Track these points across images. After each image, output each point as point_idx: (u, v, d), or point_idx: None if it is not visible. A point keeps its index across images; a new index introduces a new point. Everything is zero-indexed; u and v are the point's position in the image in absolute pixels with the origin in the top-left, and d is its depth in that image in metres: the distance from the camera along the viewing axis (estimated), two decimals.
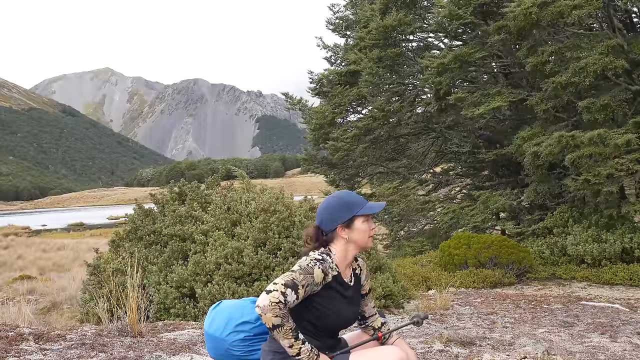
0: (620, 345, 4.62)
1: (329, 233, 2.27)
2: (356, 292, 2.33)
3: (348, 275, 2.30)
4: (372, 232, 2.30)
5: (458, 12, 10.37)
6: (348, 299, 2.25)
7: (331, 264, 2.19)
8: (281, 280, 2.04)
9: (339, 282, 2.21)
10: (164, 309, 5.27)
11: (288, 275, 2.06)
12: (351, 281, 2.30)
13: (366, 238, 2.27)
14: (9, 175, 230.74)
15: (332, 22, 16.56)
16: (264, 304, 1.98)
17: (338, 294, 2.20)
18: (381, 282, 5.86)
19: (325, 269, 2.14)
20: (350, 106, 14.51)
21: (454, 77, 11.33)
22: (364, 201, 2.29)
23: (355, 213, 2.24)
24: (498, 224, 12.40)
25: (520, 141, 10.37)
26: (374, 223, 2.33)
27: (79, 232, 45.81)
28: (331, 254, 2.24)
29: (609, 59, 8.79)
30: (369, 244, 2.31)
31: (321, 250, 2.24)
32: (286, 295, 2.00)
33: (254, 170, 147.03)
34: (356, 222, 2.25)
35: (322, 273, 2.13)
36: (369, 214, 2.27)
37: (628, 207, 9.12)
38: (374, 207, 2.30)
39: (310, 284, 2.09)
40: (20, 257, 21.34)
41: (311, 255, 2.18)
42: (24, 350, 3.37)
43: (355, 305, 2.32)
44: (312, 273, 2.10)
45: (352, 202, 2.27)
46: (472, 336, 4.75)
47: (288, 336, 2.01)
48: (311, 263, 2.12)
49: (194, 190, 6.59)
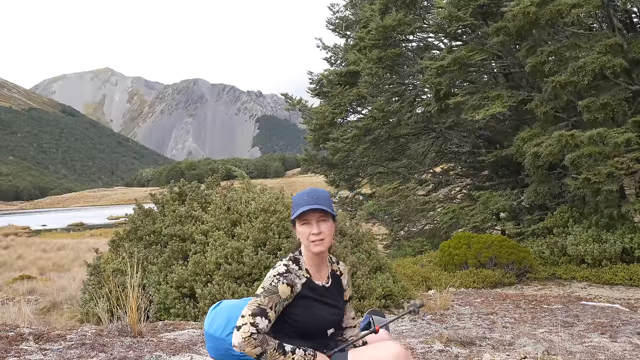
0: (620, 345, 4.62)
1: None
2: (336, 293, 2.24)
3: (323, 277, 2.20)
4: (312, 237, 2.10)
5: (457, 14, 10.36)
6: (325, 301, 2.16)
7: (298, 270, 2.11)
8: (248, 311, 1.99)
9: (310, 287, 2.13)
10: (164, 309, 5.27)
11: (253, 303, 2.01)
12: (328, 282, 2.21)
13: (307, 242, 2.12)
14: (9, 175, 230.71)
15: (332, 22, 16.57)
16: (239, 342, 1.95)
17: (313, 300, 2.12)
18: (381, 282, 5.87)
19: (290, 281, 2.06)
20: (350, 106, 14.52)
21: (453, 78, 11.33)
22: (303, 202, 2.12)
23: (293, 216, 2.14)
24: (498, 224, 12.40)
25: (520, 141, 10.38)
26: (317, 226, 2.11)
27: (79, 232, 45.82)
28: (300, 258, 2.16)
29: (607, 58, 8.79)
30: (313, 249, 2.11)
31: (289, 257, 2.16)
32: (257, 325, 1.96)
33: (254, 170, 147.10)
34: (297, 224, 2.15)
35: (288, 286, 2.05)
36: (296, 216, 2.12)
37: (628, 207, 9.12)
38: (298, 211, 2.11)
39: (278, 302, 2.03)
40: (20, 257, 21.33)
41: (276, 268, 2.10)
42: (24, 350, 3.37)
43: (337, 307, 2.23)
44: (277, 292, 2.02)
45: (294, 203, 2.16)
46: (472, 336, 4.75)
47: (276, 356, 1.98)
48: (274, 281, 2.04)
49: (194, 190, 6.60)
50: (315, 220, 2.11)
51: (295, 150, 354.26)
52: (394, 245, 14.72)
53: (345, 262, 5.46)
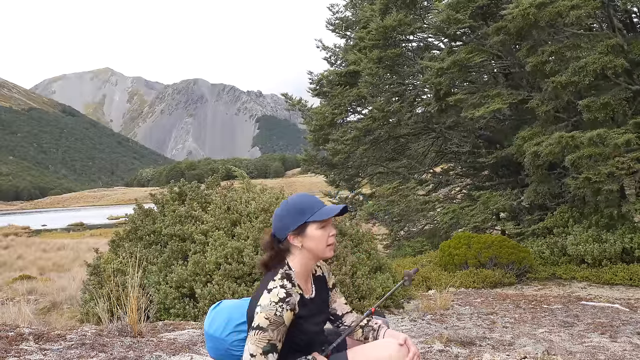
0: (620, 345, 4.62)
1: (283, 241, 2.04)
2: (321, 299, 2.17)
3: (309, 289, 2.11)
4: (331, 240, 2.03)
5: (456, 17, 10.34)
6: (313, 314, 2.09)
7: (292, 288, 1.98)
8: (257, 349, 1.87)
9: (303, 304, 2.04)
10: (164, 309, 5.27)
11: (262, 340, 1.88)
12: (313, 292, 2.12)
13: (323, 247, 2.02)
14: (9, 175, 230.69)
15: (332, 22, 16.56)
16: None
17: (304, 320, 2.03)
18: (381, 282, 5.87)
19: (292, 306, 1.95)
20: (350, 107, 14.52)
21: (453, 79, 11.33)
22: (319, 205, 2.03)
23: (307, 219, 2.00)
24: (498, 224, 12.39)
25: (521, 141, 10.37)
26: (334, 229, 2.05)
27: (79, 232, 45.82)
28: (291, 273, 2.03)
29: (608, 59, 8.79)
30: (327, 254, 2.04)
31: (281, 275, 2.01)
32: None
33: (254, 170, 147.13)
34: (309, 229, 2.01)
35: (291, 312, 1.95)
36: (322, 219, 2.00)
37: (628, 207, 9.12)
38: (328, 211, 2.01)
39: (284, 332, 1.94)
40: (20, 257, 21.33)
41: (274, 293, 1.94)
42: (24, 350, 3.37)
43: (323, 314, 2.18)
44: (283, 322, 1.92)
45: (304, 206, 2.02)
46: (472, 336, 4.75)
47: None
48: (278, 310, 1.91)
49: (194, 190, 6.59)
50: (330, 224, 2.06)
51: (295, 150, 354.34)
52: (394, 245, 14.72)
53: (345, 262, 5.47)
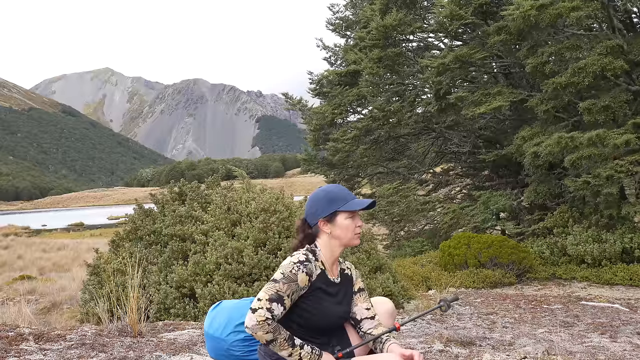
0: (620, 345, 4.62)
1: (313, 226, 2.21)
2: (345, 292, 2.25)
3: (335, 273, 2.24)
4: (358, 230, 2.21)
5: (459, 12, 10.36)
6: (335, 297, 2.18)
7: (316, 262, 2.14)
8: (265, 295, 1.98)
9: (323, 280, 2.15)
10: (164, 309, 5.27)
11: (271, 288, 2.00)
12: (338, 279, 2.24)
13: (350, 235, 2.19)
14: (9, 175, 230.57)
15: (332, 22, 16.57)
16: (252, 324, 1.94)
17: (324, 293, 2.14)
18: (381, 282, 5.87)
19: (309, 270, 2.08)
20: (350, 106, 14.52)
21: (454, 77, 11.33)
22: (351, 196, 2.21)
23: (337, 208, 2.17)
24: (498, 224, 12.40)
25: (520, 141, 10.37)
26: (360, 220, 2.23)
27: (79, 232, 45.81)
28: (317, 250, 2.19)
29: (608, 60, 8.79)
30: (354, 242, 2.22)
31: (306, 248, 2.19)
32: (272, 310, 1.96)
33: (254, 170, 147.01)
34: (339, 218, 2.18)
35: (307, 276, 2.07)
36: (352, 210, 2.18)
37: (628, 208, 9.11)
38: (358, 204, 2.19)
39: (295, 291, 2.04)
40: (20, 257, 21.31)
41: (295, 256, 2.12)
42: (24, 350, 3.37)
43: (345, 305, 2.24)
44: (296, 280, 2.04)
45: (336, 196, 2.19)
46: (472, 336, 4.75)
47: (285, 347, 1.97)
48: (294, 268, 2.05)
49: (194, 190, 6.59)
50: (358, 215, 2.23)
51: (295, 150, 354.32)
52: (394, 245, 14.72)
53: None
